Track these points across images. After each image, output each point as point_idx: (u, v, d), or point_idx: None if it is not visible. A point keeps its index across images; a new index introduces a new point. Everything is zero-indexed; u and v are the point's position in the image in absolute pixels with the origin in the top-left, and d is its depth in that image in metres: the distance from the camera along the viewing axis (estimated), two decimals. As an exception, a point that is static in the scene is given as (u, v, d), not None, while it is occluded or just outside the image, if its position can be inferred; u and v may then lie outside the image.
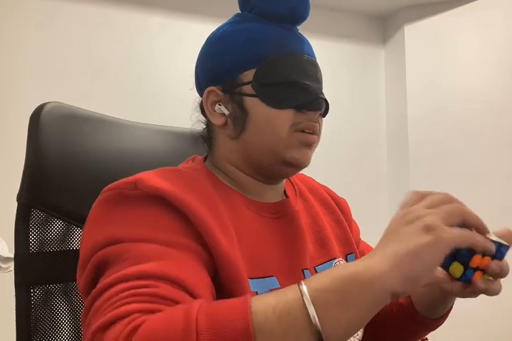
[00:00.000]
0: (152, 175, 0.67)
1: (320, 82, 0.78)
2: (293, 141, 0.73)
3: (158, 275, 0.54)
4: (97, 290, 0.55)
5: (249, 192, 0.77)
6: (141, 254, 0.57)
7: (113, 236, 0.60)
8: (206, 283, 0.59)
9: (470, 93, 2.67)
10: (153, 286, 0.52)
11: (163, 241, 0.59)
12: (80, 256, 0.64)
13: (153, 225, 0.62)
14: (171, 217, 0.63)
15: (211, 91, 0.77)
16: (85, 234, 0.66)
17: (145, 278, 0.53)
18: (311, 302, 0.46)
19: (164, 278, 0.53)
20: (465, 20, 2.72)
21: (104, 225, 0.63)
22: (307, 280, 0.50)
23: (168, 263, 0.56)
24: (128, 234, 0.60)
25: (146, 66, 2.40)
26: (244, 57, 0.74)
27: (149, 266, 0.55)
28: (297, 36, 0.78)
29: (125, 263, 0.56)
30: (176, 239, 0.61)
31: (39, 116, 0.82)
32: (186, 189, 0.66)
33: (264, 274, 0.69)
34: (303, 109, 0.73)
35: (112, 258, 0.58)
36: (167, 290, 0.52)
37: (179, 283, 0.54)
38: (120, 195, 0.65)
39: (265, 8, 0.75)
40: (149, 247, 0.58)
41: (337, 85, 2.81)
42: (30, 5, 2.21)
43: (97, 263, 0.60)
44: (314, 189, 0.91)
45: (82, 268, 0.63)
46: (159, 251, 0.58)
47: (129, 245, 0.59)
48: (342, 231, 0.87)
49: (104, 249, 0.60)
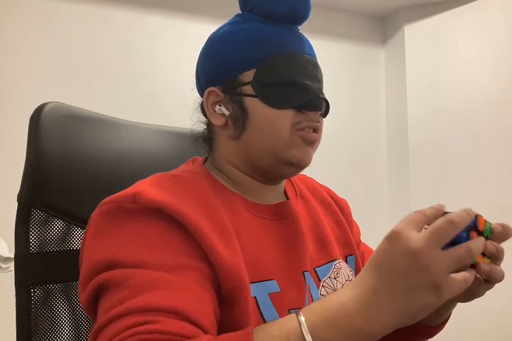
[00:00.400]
0: (150, 186, 0.67)
1: (320, 82, 0.77)
2: (295, 139, 0.73)
3: (161, 308, 0.54)
4: (99, 324, 0.55)
5: (249, 194, 0.77)
6: (143, 283, 0.57)
7: (113, 258, 0.60)
8: (210, 309, 0.59)
9: (470, 93, 2.67)
10: (156, 322, 0.53)
11: (164, 264, 0.59)
12: (80, 271, 0.64)
13: (153, 244, 0.61)
14: (172, 232, 0.62)
15: (211, 91, 0.76)
16: (85, 249, 0.66)
17: (148, 312, 0.54)
18: (310, 336, 0.49)
19: (167, 312, 0.54)
20: (465, 20, 2.72)
21: (104, 242, 0.63)
22: (309, 321, 0.51)
23: (170, 293, 0.56)
24: (128, 256, 0.60)
25: (146, 66, 2.40)
26: (244, 57, 0.74)
27: (151, 298, 0.55)
28: (298, 36, 0.77)
29: (126, 291, 0.56)
30: (178, 260, 0.60)
31: (39, 116, 0.82)
32: (186, 197, 0.66)
33: (264, 278, 0.69)
34: (303, 109, 0.73)
35: (113, 283, 0.58)
36: (171, 324, 0.53)
37: (183, 315, 0.54)
38: (119, 209, 0.64)
39: (265, 8, 0.75)
40: (151, 275, 0.58)
41: (337, 85, 2.81)
42: (31, 5, 2.21)
43: (97, 287, 0.60)
44: (315, 189, 0.91)
45: (83, 285, 0.63)
46: (161, 280, 0.57)
47: (129, 271, 0.58)
48: (342, 233, 0.87)
49: (105, 273, 0.60)
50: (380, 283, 0.51)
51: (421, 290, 0.49)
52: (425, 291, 0.49)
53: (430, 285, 0.49)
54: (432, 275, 0.49)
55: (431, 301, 0.49)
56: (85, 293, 0.62)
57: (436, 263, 0.49)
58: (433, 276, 0.48)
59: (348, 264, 0.84)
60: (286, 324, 0.52)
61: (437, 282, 0.48)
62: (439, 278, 0.49)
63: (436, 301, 0.49)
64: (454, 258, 0.49)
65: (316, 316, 0.51)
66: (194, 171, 0.76)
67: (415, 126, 2.79)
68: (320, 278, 0.77)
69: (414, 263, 0.49)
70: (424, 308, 0.49)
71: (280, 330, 0.51)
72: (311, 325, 0.50)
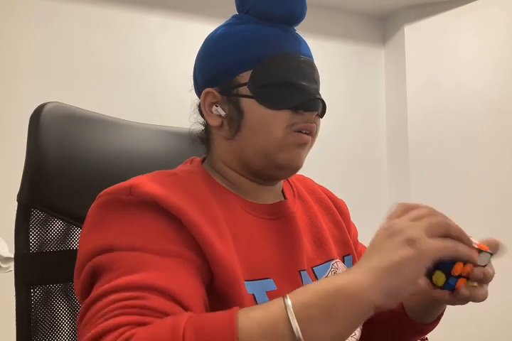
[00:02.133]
0: (147, 180, 0.67)
1: (317, 82, 0.77)
2: (287, 141, 0.73)
3: (149, 286, 0.54)
4: (88, 301, 0.56)
5: (245, 194, 0.77)
6: (133, 264, 0.57)
7: (107, 243, 0.61)
8: (198, 293, 0.59)
9: (470, 93, 2.67)
10: (142, 298, 0.53)
11: (156, 250, 0.60)
12: (76, 261, 0.65)
13: (146, 233, 0.62)
14: (165, 224, 0.63)
15: (208, 92, 0.77)
16: (82, 238, 0.66)
17: (135, 289, 0.54)
18: (294, 317, 0.47)
19: (154, 289, 0.54)
20: (465, 20, 2.72)
21: (99, 231, 0.64)
22: (292, 294, 0.50)
23: (159, 273, 0.56)
24: (121, 241, 0.61)
25: (146, 66, 2.40)
26: (240, 58, 0.74)
27: (140, 277, 0.55)
28: (294, 37, 0.77)
29: (117, 272, 0.57)
30: (170, 247, 0.61)
31: (39, 116, 0.82)
32: (181, 193, 0.66)
33: (260, 276, 0.69)
34: (299, 109, 0.73)
35: (105, 267, 0.59)
36: (157, 301, 0.53)
37: (169, 294, 0.54)
38: (115, 201, 0.65)
39: (261, 9, 0.75)
40: (141, 257, 0.58)
41: (337, 85, 2.81)
42: (31, 5, 2.21)
43: (91, 271, 0.61)
44: (313, 190, 0.91)
45: (78, 273, 0.64)
46: (151, 261, 0.58)
47: (121, 254, 0.59)
48: (340, 233, 0.87)
49: (98, 257, 0.60)
50: (364, 258, 0.53)
51: (397, 247, 0.50)
52: (400, 246, 0.50)
53: (404, 241, 0.50)
54: (404, 233, 0.51)
55: (409, 253, 0.49)
56: (80, 281, 0.62)
57: (409, 227, 0.52)
58: (406, 233, 0.51)
59: (345, 264, 0.84)
60: (272, 302, 0.51)
61: (411, 237, 0.50)
62: (412, 234, 0.51)
63: (414, 253, 0.49)
64: (421, 222, 0.52)
65: (301, 288, 0.52)
66: (192, 170, 0.76)
67: (415, 125, 2.79)
68: (318, 277, 0.77)
69: (388, 231, 0.53)
70: (405, 262, 0.49)
71: (264, 305, 0.51)
72: (295, 298, 0.50)
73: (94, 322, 0.52)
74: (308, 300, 0.49)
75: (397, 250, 0.50)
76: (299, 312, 0.48)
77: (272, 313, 0.49)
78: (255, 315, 0.49)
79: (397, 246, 0.50)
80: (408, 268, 0.49)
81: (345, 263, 0.85)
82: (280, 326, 0.47)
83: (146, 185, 0.65)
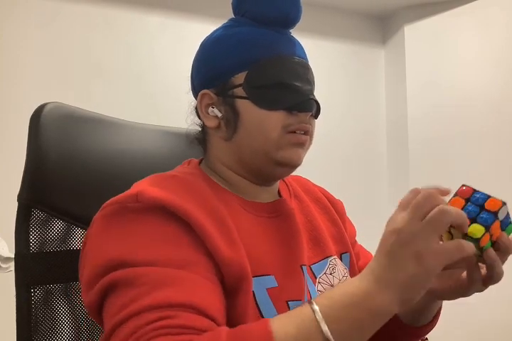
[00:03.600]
0: (149, 185, 0.68)
1: (311, 83, 0.78)
2: (283, 142, 0.74)
3: (175, 303, 0.55)
4: (114, 323, 0.56)
5: (243, 194, 0.78)
6: (155, 281, 0.58)
7: (122, 257, 0.61)
8: (220, 301, 0.61)
9: (470, 93, 2.67)
10: (173, 317, 0.54)
11: (174, 262, 0.60)
12: (84, 271, 0.65)
13: (159, 241, 0.62)
14: (176, 228, 0.64)
15: (205, 94, 0.78)
16: (89, 249, 0.66)
17: (162, 308, 0.55)
18: (330, 334, 0.51)
19: (181, 306, 0.55)
20: (465, 20, 2.72)
21: (111, 242, 0.63)
22: (322, 309, 0.53)
23: (181, 289, 0.57)
24: (138, 256, 0.61)
25: (146, 66, 2.40)
26: (235, 60, 0.75)
27: (164, 295, 0.56)
28: (289, 39, 0.79)
29: (139, 289, 0.57)
30: (184, 255, 0.62)
31: (39, 116, 0.82)
32: (185, 195, 0.67)
33: (262, 272, 0.70)
34: (294, 110, 0.74)
35: (123, 282, 0.59)
36: (188, 318, 0.54)
37: (197, 309, 0.56)
38: (123, 209, 0.65)
39: (257, 12, 0.76)
40: (162, 272, 0.59)
41: (337, 85, 2.81)
42: (31, 5, 2.21)
43: (106, 286, 0.60)
44: (310, 190, 0.92)
45: (89, 286, 0.63)
46: (172, 276, 0.59)
47: (140, 270, 0.59)
48: (337, 231, 0.88)
49: (114, 273, 0.60)
50: (377, 263, 0.55)
51: (406, 261, 0.52)
52: (409, 261, 0.52)
53: (413, 255, 0.52)
54: (414, 245, 0.52)
55: (417, 271, 0.52)
56: (92, 295, 0.62)
57: (417, 233, 0.53)
58: (415, 246, 0.52)
59: (343, 262, 0.85)
60: (300, 312, 0.54)
61: (419, 250, 0.52)
62: (421, 247, 0.52)
63: (421, 270, 0.52)
64: (429, 223, 0.53)
65: (328, 300, 0.54)
66: (190, 172, 0.77)
67: (415, 125, 2.79)
68: (316, 275, 0.78)
69: (398, 239, 0.53)
70: (415, 279, 0.52)
71: (296, 318, 0.54)
72: (323, 310, 0.53)
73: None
74: (338, 314, 0.53)
75: (407, 265, 0.52)
76: (331, 327, 0.52)
77: (306, 328, 0.52)
78: (290, 330, 0.52)
79: (408, 261, 0.52)
80: (418, 283, 0.53)
81: (342, 260, 0.85)
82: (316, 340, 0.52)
83: (151, 191, 0.66)
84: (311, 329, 0.52)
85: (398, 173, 2.88)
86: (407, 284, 0.52)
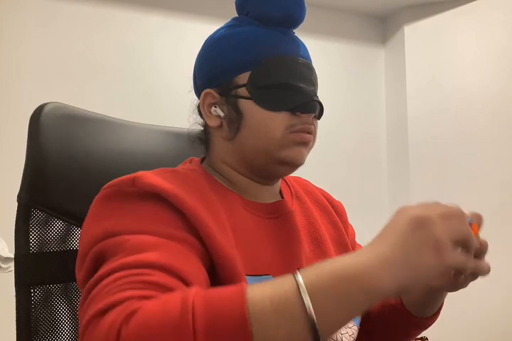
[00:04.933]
0: (151, 173, 0.68)
1: (314, 84, 0.78)
2: (287, 141, 0.74)
3: (154, 264, 0.54)
4: (94, 279, 0.55)
5: (245, 193, 0.78)
6: (138, 245, 0.58)
7: (111, 229, 0.62)
8: (201, 273, 0.59)
9: (470, 93, 2.67)
10: (148, 274, 0.53)
11: (160, 233, 0.60)
12: (79, 250, 0.65)
13: (150, 219, 0.63)
14: (168, 213, 0.64)
15: (208, 93, 0.78)
16: (84, 228, 0.67)
17: (141, 266, 0.54)
18: (308, 297, 0.46)
19: (160, 267, 0.54)
20: (465, 20, 2.72)
21: (103, 220, 0.64)
22: (304, 273, 0.49)
23: (164, 253, 0.57)
24: (125, 226, 0.61)
25: (146, 66, 2.40)
26: (239, 60, 0.75)
27: (145, 256, 0.55)
28: (292, 39, 0.78)
29: (122, 253, 0.57)
30: (173, 231, 0.62)
31: (39, 116, 0.82)
32: (183, 187, 0.67)
33: (261, 272, 0.70)
34: (297, 111, 0.74)
35: (110, 250, 0.59)
36: (162, 278, 0.53)
37: (175, 272, 0.54)
38: (119, 192, 0.66)
39: (261, 12, 0.76)
40: (146, 238, 0.59)
41: (337, 85, 2.81)
42: (31, 5, 2.21)
43: (95, 256, 0.61)
44: (310, 191, 0.92)
45: (81, 262, 0.64)
46: (156, 242, 0.59)
47: (126, 237, 0.60)
48: (337, 233, 0.88)
49: (103, 242, 0.61)
50: (383, 243, 0.51)
51: (422, 249, 0.49)
52: (427, 250, 0.49)
53: (432, 244, 0.49)
54: (434, 236, 0.50)
55: (432, 260, 0.49)
56: (84, 268, 0.62)
57: (439, 228, 0.50)
58: (435, 236, 0.50)
59: None
60: (282, 279, 0.50)
61: (439, 242, 0.50)
62: (442, 239, 0.50)
63: (437, 261, 0.49)
64: (454, 226, 0.51)
65: (315, 269, 0.50)
66: (192, 169, 0.77)
67: (415, 125, 2.79)
68: None
69: (418, 224, 0.50)
70: (425, 268, 0.49)
71: (275, 282, 0.50)
72: (308, 279, 0.49)
73: (99, 298, 0.51)
74: (323, 283, 0.48)
75: (422, 253, 0.49)
76: (312, 294, 0.47)
77: (284, 289, 0.48)
78: (266, 290, 0.48)
79: (423, 248, 0.50)
80: (427, 273, 0.50)
81: None
82: (292, 302, 0.46)
83: (149, 177, 0.66)
84: (288, 291, 0.47)
85: (398, 173, 2.88)
86: (414, 270, 0.49)
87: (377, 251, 0.50)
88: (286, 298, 0.47)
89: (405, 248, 0.50)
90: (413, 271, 0.49)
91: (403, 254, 0.49)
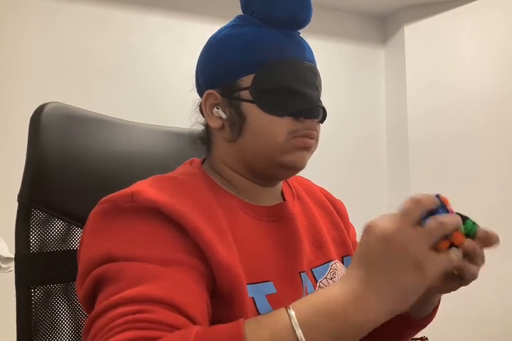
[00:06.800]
0: (148, 185, 0.67)
1: (318, 89, 0.77)
2: (289, 146, 0.73)
3: (154, 299, 0.54)
4: (93, 314, 0.56)
5: (245, 195, 0.77)
6: (137, 275, 0.57)
7: (110, 252, 0.61)
8: (201, 302, 0.59)
9: (470, 93, 2.67)
10: (148, 311, 0.53)
11: (159, 259, 0.60)
12: (78, 267, 0.65)
13: (149, 241, 0.62)
14: (168, 231, 0.63)
15: (210, 94, 0.77)
16: (83, 245, 0.66)
17: (140, 302, 0.54)
18: (303, 336, 0.48)
19: (160, 302, 0.54)
20: (465, 20, 2.72)
21: (101, 239, 0.63)
22: (297, 311, 0.51)
23: (163, 285, 0.57)
24: (124, 251, 0.60)
25: (147, 66, 2.41)
26: (242, 62, 0.74)
27: (145, 289, 0.55)
28: (298, 41, 0.77)
29: (121, 284, 0.57)
30: (172, 255, 0.61)
31: (40, 116, 0.82)
32: (183, 198, 0.66)
33: (260, 279, 0.69)
34: (300, 116, 0.73)
35: (108, 277, 0.59)
36: (163, 314, 0.53)
37: (174, 306, 0.55)
38: (117, 208, 0.65)
39: (265, 12, 0.74)
40: (145, 268, 0.59)
41: (337, 85, 2.81)
42: (31, 5, 2.21)
43: (94, 280, 0.61)
44: (312, 191, 0.91)
45: (81, 280, 0.63)
46: (155, 272, 0.58)
47: (125, 264, 0.59)
48: (338, 234, 0.87)
49: (101, 267, 0.60)
50: (365, 272, 0.51)
51: (404, 270, 0.49)
52: (408, 270, 0.49)
53: (411, 264, 0.49)
54: (410, 253, 0.50)
55: (416, 280, 0.49)
56: (83, 289, 0.62)
57: (412, 241, 0.50)
58: (412, 254, 0.50)
59: (344, 265, 0.84)
60: (277, 316, 0.52)
61: (418, 259, 0.50)
62: (419, 255, 0.50)
63: (421, 279, 0.49)
64: (426, 232, 0.51)
65: (307, 306, 0.51)
66: (192, 173, 0.76)
67: (415, 125, 2.79)
68: (317, 278, 0.77)
69: (390, 246, 0.50)
70: (412, 288, 0.50)
71: (271, 321, 0.51)
72: (301, 316, 0.50)
73: (101, 336, 0.52)
74: (317, 322, 0.49)
75: (404, 274, 0.50)
76: (307, 334, 0.49)
77: (280, 334, 0.49)
78: (262, 333, 0.49)
79: (405, 270, 0.50)
80: (415, 291, 0.50)
81: (344, 263, 0.85)
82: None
83: (147, 192, 0.65)
84: (285, 335, 0.49)
85: (398, 174, 2.88)
86: (401, 294, 0.50)
87: (363, 282, 0.51)
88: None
89: (387, 275, 0.50)
90: (399, 294, 0.50)
91: (386, 282, 0.50)
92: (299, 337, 0.48)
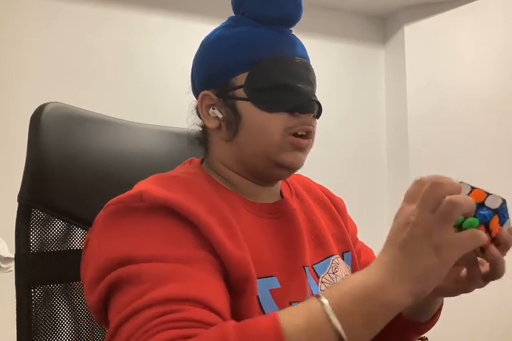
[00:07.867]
0: (152, 184, 0.68)
1: (312, 84, 0.77)
2: (285, 144, 0.74)
3: (182, 298, 0.55)
4: (119, 318, 0.56)
5: (245, 194, 0.78)
6: (159, 276, 0.58)
7: (125, 254, 0.61)
8: (224, 296, 0.61)
9: (470, 93, 2.67)
10: (180, 311, 0.54)
11: (178, 257, 0.60)
12: (87, 273, 0.64)
13: (164, 239, 0.62)
14: (179, 227, 0.64)
15: (205, 95, 0.78)
16: (93, 249, 0.66)
17: (170, 302, 0.55)
18: (339, 325, 0.50)
19: (188, 300, 0.55)
20: (465, 20, 2.72)
21: (113, 242, 0.63)
22: (332, 301, 0.52)
23: (188, 283, 0.57)
24: (141, 252, 0.60)
25: (147, 66, 2.41)
26: (236, 61, 0.75)
27: (171, 290, 0.56)
28: (289, 38, 0.78)
29: (143, 286, 0.57)
30: (189, 252, 0.62)
31: (40, 116, 0.82)
32: (189, 195, 0.67)
33: (264, 274, 0.70)
34: (295, 112, 0.74)
35: (128, 279, 0.59)
36: (194, 312, 0.54)
37: (203, 303, 0.56)
38: (126, 208, 0.65)
39: (256, 11, 0.76)
40: (166, 267, 0.59)
41: (337, 85, 2.81)
42: (31, 5, 2.21)
43: (110, 284, 0.60)
44: (310, 188, 0.92)
45: (93, 285, 0.63)
46: (177, 271, 0.59)
47: (144, 266, 0.59)
48: (338, 230, 0.88)
49: (118, 270, 0.60)
50: (389, 256, 0.53)
51: (421, 253, 0.51)
52: (425, 253, 0.51)
53: (430, 247, 0.51)
54: (429, 238, 0.51)
55: (434, 262, 0.51)
56: (96, 293, 0.62)
57: (428, 226, 0.51)
58: (429, 238, 0.51)
59: (345, 260, 0.85)
60: (309, 306, 0.53)
61: (434, 242, 0.51)
62: (435, 238, 0.51)
63: (439, 261, 0.51)
64: (441, 215, 0.52)
65: (338, 293, 0.53)
66: (192, 172, 0.77)
67: (415, 126, 2.79)
68: (318, 274, 0.78)
69: (412, 232, 0.52)
70: (431, 270, 0.51)
71: (303, 311, 0.53)
72: (334, 303, 0.52)
73: (139, 337, 0.52)
74: (349, 307, 0.51)
75: (425, 258, 0.51)
76: (341, 320, 0.50)
77: (315, 322, 0.51)
78: (300, 323, 0.51)
79: (425, 253, 0.51)
80: (435, 275, 0.52)
81: (344, 259, 0.85)
82: (326, 333, 0.50)
83: (155, 190, 0.65)
84: (321, 322, 0.50)
85: (398, 173, 2.88)
86: (424, 276, 0.51)
87: (386, 267, 0.53)
88: (320, 330, 0.50)
89: (409, 259, 0.52)
90: (423, 277, 0.51)
91: (409, 265, 0.51)
92: (335, 324, 0.50)
